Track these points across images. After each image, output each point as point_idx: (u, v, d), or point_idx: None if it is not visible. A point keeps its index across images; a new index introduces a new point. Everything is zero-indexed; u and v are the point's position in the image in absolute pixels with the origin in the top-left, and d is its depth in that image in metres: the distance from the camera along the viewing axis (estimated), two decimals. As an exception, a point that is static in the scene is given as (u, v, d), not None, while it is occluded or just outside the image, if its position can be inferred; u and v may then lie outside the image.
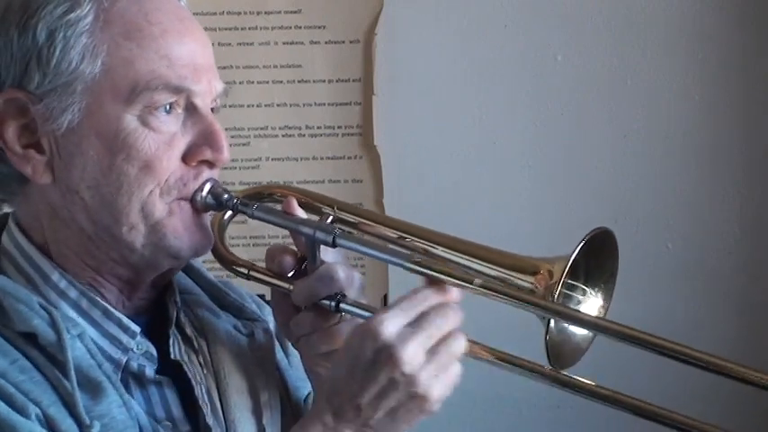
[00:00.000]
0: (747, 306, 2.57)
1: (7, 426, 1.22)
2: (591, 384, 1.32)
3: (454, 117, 2.56)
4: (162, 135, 1.32)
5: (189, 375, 1.39)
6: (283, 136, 2.54)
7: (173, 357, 1.39)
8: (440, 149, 2.56)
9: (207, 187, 1.35)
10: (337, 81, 2.53)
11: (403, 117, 2.54)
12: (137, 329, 1.36)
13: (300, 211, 1.40)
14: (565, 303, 1.30)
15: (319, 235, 1.36)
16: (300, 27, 2.52)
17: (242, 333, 1.48)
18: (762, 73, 2.54)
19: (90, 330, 1.33)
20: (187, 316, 1.46)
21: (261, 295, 1.58)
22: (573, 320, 1.28)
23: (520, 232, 2.51)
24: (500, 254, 1.32)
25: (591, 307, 1.34)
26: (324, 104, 2.54)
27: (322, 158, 2.54)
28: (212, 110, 1.38)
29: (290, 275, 1.40)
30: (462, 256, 1.33)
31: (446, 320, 1.26)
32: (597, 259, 1.32)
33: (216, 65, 1.39)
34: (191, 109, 1.34)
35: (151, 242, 1.33)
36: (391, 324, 1.24)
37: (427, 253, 1.35)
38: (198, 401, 1.38)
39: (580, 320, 1.29)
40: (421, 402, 1.24)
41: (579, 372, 1.33)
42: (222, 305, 1.51)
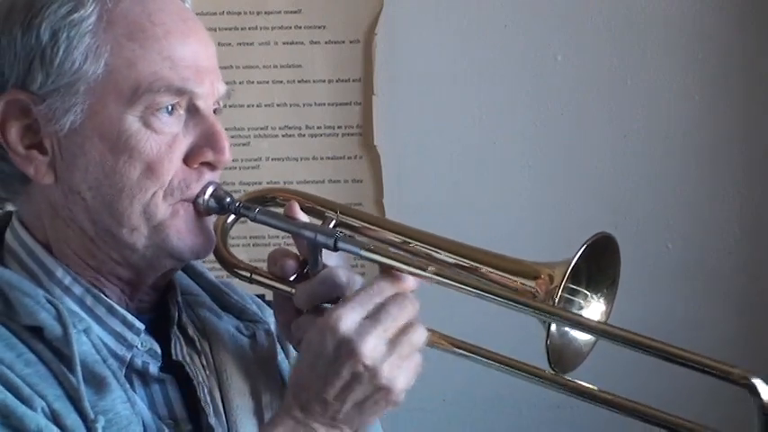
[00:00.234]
0: (747, 306, 2.57)
1: (14, 417, 1.22)
2: (591, 388, 1.32)
3: (454, 117, 2.56)
4: (163, 136, 1.32)
5: (191, 376, 1.39)
6: (283, 136, 2.54)
7: (174, 358, 1.39)
8: (440, 149, 2.56)
9: (209, 191, 1.35)
10: (337, 81, 2.53)
11: (403, 117, 2.54)
12: (141, 326, 1.36)
13: (302, 215, 1.40)
14: (566, 308, 1.30)
15: (321, 239, 1.36)
16: (300, 27, 2.52)
17: (244, 335, 1.48)
18: (762, 73, 2.54)
19: (95, 327, 1.33)
20: (189, 317, 1.46)
21: (260, 296, 1.58)
22: (572, 324, 1.28)
23: (520, 232, 2.51)
24: (502, 258, 1.32)
25: (593, 311, 1.34)
26: (324, 104, 2.54)
27: (322, 158, 2.54)
28: (215, 111, 1.38)
29: (292, 279, 1.40)
30: (464, 260, 1.33)
31: (403, 310, 1.26)
32: (599, 264, 1.32)
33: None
34: (192, 110, 1.34)
35: (153, 243, 1.33)
36: (349, 318, 1.24)
37: (429, 257, 1.35)
38: (200, 402, 1.38)
39: (579, 324, 1.29)
40: (386, 394, 1.25)
41: (579, 374, 1.33)
42: (223, 306, 1.51)
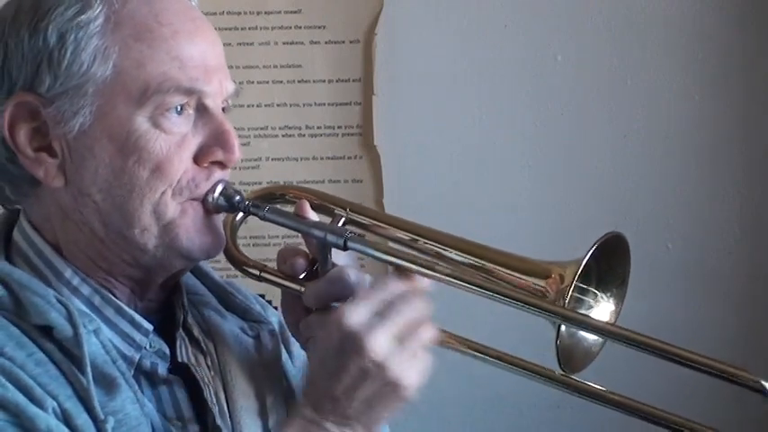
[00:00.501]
0: (747, 306, 2.57)
1: (25, 417, 1.22)
2: (599, 389, 1.31)
3: (454, 117, 2.55)
4: (173, 136, 1.31)
5: (197, 377, 1.39)
6: (283, 136, 2.54)
7: (179, 360, 1.39)
8: (440, 149, 2.55)
9: (218, 189, 1.35)
10: (337, 81, 2.53)
11: (403, 117, 2.54)
12: (149, 327, 1.36)
13: (312, 214, 1.39)
14: (576, 308, 1.30)
15: (330, 238, 1.36)
16: (300, 27, 2.52)
17: (248, 335, 1.48)
18: (762, 73, 2.54)
19: (103, 327, 1.33)
20: (194, 317, 1.45)
21: (261, 295, 1.58)
22: (582, 325, 1.28)
23: (520, 232, 2.50)
24: (512, 257, 1.32)
25: (602, 311, 1.34)
26: (324, 104, 2.53)
27: (322, 158, 2.54)
28: (223, 109, 1.38)
29: (302, 277, 1.40)
30: (474, 259, 1.33)
31: (412, 308, 1.26)
32: (609, 263, 1.32)
33: (219, 64, 1.38)
34: (201, 109, 1.34)
35: (163, 243, 1.32)
36: (356, 314, 1.24)
37: (439, 255, 1.35)
38: (207, 403, 1.38)
39: (589, 325, 1.28)
40: (395, 389, 1.23)
41: (584, 374, 1.33)
42: (228, 306, 1.51)
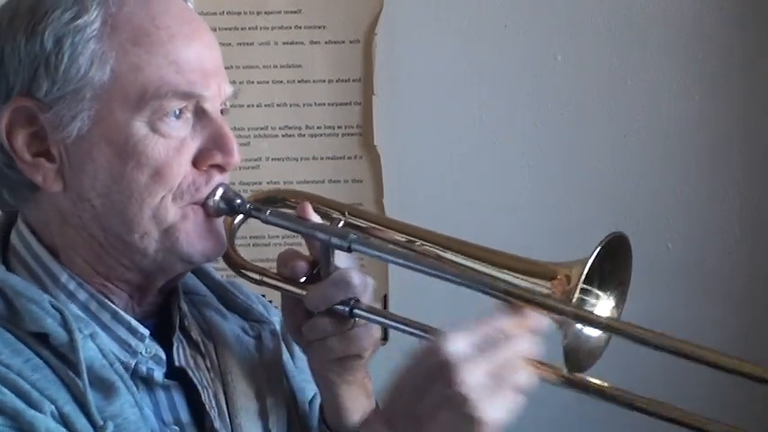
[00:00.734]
0: (747, 306, 2.57)
1: (24, 422, 1.21)
2: (609, 387, 1.31)
3: (454, 117, 2.55)
4: (172, 140, 1.31)
5: (195, 381, 1.38)
6: (283, 136, 2.53)
7: (177, 365, 1.38)
8: (440, 149, 2.55)
9: (219, 192, 1.34)
10: (337, 81, 2.52)
11: (403, 117, 2.53)
12: (145, 332, 1.35)
13: (315, 216, 1.39)
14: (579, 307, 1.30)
15: (334, 240, 1.35)
16: (300, 27, 2.51)
17: (249, 335, 1.47)
18: (762, 73, 2.54)
19: (99, 332, 1.32)
20: (194, 317, 1.45)
21: (261, 295, 1.58)
22: (592, 324, 1.27)
23: (520, 232, 2.50)
24: (515, 259, 1.32)
25: (604, 310, 1.34)
26: (324, 104, 2.53)
27: (322, 158, 2.53)
28: (222, 112, 1.37)
29: (303, 280, 1.39)
30: (477, 261, 1.33)
31: (514, 347, 1.21)
32: (612, 264, 1.31)
33: (217, 65, 1.38)
34: (200, 113, 1.33)
35: (164, 247, 1.32)
36: (456, 342, 1.19)
37: (440, 258, 1.35)
38: (205, 406, 1.37)
39: (600, 324, 1.28)
40: (474, 424, 1.18)
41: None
42: (229, 306, 1.50)
